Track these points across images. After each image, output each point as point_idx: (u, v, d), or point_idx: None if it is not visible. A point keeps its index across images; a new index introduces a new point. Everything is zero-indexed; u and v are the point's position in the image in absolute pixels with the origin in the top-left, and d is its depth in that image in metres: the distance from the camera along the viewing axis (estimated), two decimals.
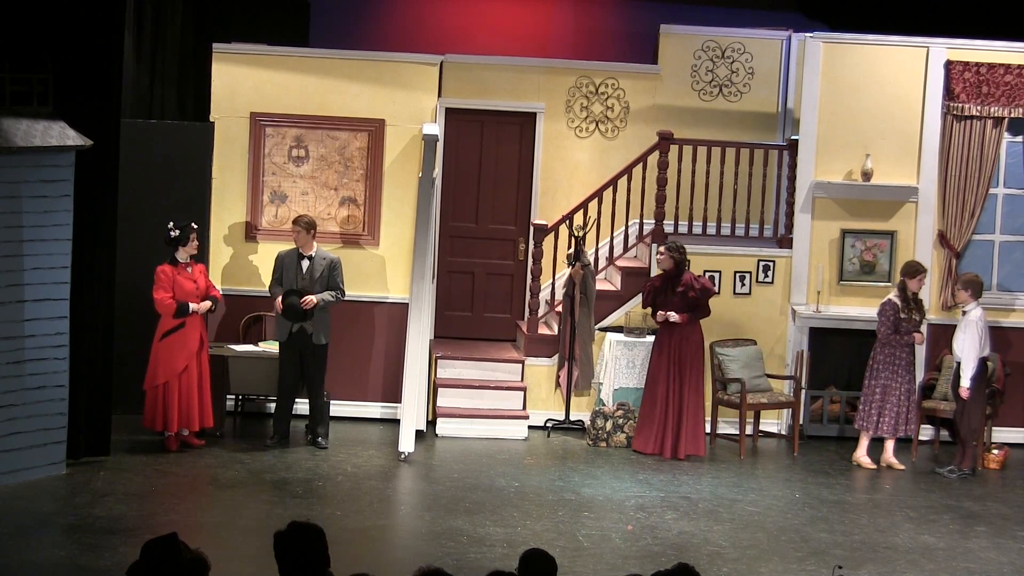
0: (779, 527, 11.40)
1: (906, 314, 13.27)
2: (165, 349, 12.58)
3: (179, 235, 12.65)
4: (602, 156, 14.88)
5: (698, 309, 13.39)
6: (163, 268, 12.64)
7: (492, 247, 15.07)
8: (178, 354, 12.56)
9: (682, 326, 13.30)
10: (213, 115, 14.09)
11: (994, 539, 11.37)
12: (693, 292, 13.35)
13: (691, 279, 13.43)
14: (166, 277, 12.60)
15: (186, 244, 12.69)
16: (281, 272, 13.13)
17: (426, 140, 13.57)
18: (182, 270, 12.69)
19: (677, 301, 13.34)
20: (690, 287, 13.36)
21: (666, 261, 13.40)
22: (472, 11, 15.93)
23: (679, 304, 13.34)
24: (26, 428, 11.43)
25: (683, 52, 15.01)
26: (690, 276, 13.46)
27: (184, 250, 12.70)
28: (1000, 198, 14.50)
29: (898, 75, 14.30)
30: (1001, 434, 14.20)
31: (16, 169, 11.19)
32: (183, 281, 12.64)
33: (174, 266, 12.66)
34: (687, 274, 13.44)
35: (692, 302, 13.36)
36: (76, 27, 11.64)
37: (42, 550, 9.91)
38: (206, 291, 12.83)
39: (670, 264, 13.39)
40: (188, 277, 12.70)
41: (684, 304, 13.35)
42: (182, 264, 12.70)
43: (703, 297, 13.40)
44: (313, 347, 13.01)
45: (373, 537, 10.69)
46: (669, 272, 13.39)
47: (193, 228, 12.76)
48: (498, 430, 13.78)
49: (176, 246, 12.68)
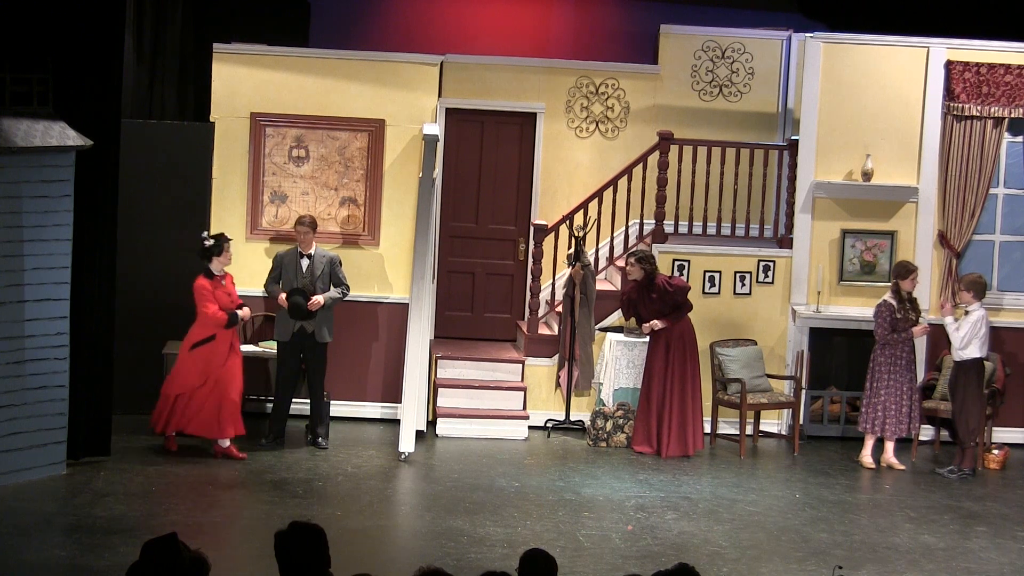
0: (779, 527, 11.40)
1: (902, 314, 13.28)
2: (191, 360, 12.51)
3: (213, 245, 12.58)
4: (602, 156, 14.88)
5: (679, 308, 13.42)
6: (202, 283, 12.51)
7: (492, 247, 15.07)
8: (202, 368, 12.48)
9: (670, 326, 13.35)
10: (213, 115, 14.09)
11: (994, 539, 11.37)
12: (667, 296, 13.37)
13: (663, 282, 13.44)
14: (208, 291, 12.50)
15: (220, 255, 12.61)
16: (280, 271, 13.11)
17: (426, 140, 13.58)
18: (217, 283, 12.62)
19: (656, 306, 13.37)
20: (664, 290, 13.37)
21: (636, 271, 13.40)
22: (472, 11, 15.93)
23: (659, 307, 13.37)
24: (26, 428, 11.43)
25: (683, 52, 15.01)
26: (662, 279, 13.47)
27: (218, 261, 12.61)
28: (1000, 198, 14.50)
29: (898, 75, 14.31)
30: (1001, 434, 14.20)
31: (16, 169, 11.19)
32: (220, 294, 12.58)
33: (210, 279, 12.58)
34: (658, 277, 13.45)
35: (671, 303, 13.38)
36: (76, 27, 11.64)
37: (42, 550, 9.91)
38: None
39: (640, 274, 13.40)
40: (224, 289, 12.64)
41: (664, 307, 13.37)
42: (217, 276, 12.63)
43: (680, 296, 13.41)
44: (315, 345, 13.01)
45: (373, 537, 10.69)
46: (641, 281, 13.40)
47: (227, 239, 12.72)
48: (498, 430, 13.78)
49: (210, 257, 12.61)
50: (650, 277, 13.39)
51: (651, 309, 13.39)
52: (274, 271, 13.16)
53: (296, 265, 13.06)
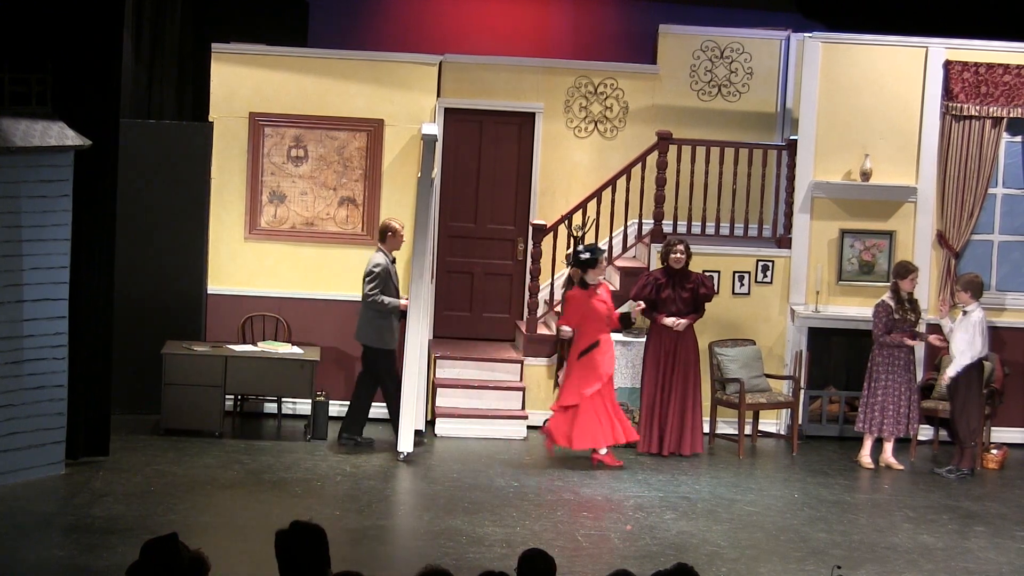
0: (778, 527, 11.40)
1: (900, 315, 13.28)
2: (580, 369, 12.79)
3: (589, 258, 12.78)
4: (601, 156, 14.88)
5: (700, 309, 13.40)
6: (573, 294, 12.84)
7: (491, 247, 15.07)
8: (590, 375, 12.75)
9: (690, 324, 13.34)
10: (212, 115, 14.09)
11: (993, 539, 11.37)
12: (704, 290, 13.37)
13: (700, 278, 13.44)
14: (577, 302, 12.77)
15: (595, 267, 12.80)
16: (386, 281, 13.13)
17: (425, 140, 13.57)
18: (592, 293, 12.81)
19: (685, 300, 13.32)
20: (700, 284, 13.37)
21: (682, 259, 13.37)
22: (471, 11, 15.93)
23: (687, 302, 13.32)
24: (25, 428, 11.43)
25: (682, 52, 15.01)
26: (698, 275, 13.46)
27: (593, 273, 12.80)
28: (999, 198, 14.50)
29: (897, 75, 14.31)
30: (1000, 434, 14.20)
31: (15, 169, 11.19)
32: (596, 304, 12.78)
33: (584, 288, 12.79)
34: (694, 273, 13.44)
35: (700, 301, 13.36)
36: (75, 27, 11.64)
37: (41, 550, 9.91)
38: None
39: (684, 263, 13.38)
40: (599, 299, 12.84)
41: (691, 303, 13.35)
42: (592, 287, 12.81)
43: (710, 297, 13.41)
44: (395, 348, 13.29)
45: (372, 537, 10.69)
46: (679, 270, 13.36)
47: (602, 251, 12.97)
48: (497, 430, 13.78)
49: (585, 269, 12.79)
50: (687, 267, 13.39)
51: (675, 300, 13.33)
52: (381, 283, 13.11)
53: (393, 271, 13.23)
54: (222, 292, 14.05)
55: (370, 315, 13.15)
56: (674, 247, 13.40)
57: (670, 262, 13.39)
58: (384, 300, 13.07)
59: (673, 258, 13.38)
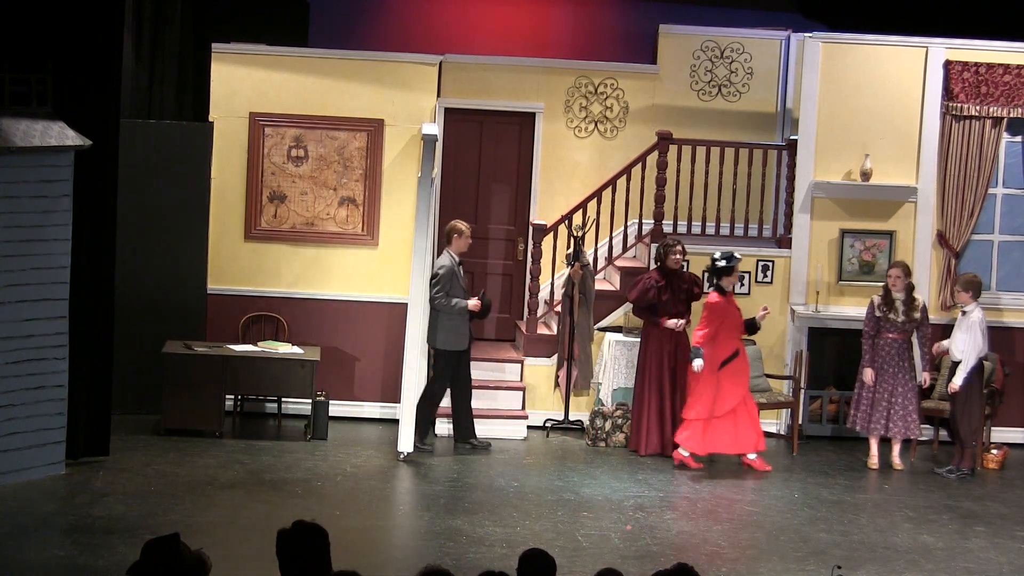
0: (778, 527, 11.40)
1: (882, 313, 13.30)
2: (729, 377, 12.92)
3: (726, 266, 12.91)
4: (601, 156, 14.88)
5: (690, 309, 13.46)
6: (715, 300, 12.93)
7: (491, 247, 15.07)
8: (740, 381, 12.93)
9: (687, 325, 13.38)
10: (212, 115, 14.08)
11: (993, 539, 11.37)
12: (697, 289, 13.41)
13: (692, 277, 13.49)
14: (719, 309, 12.88)
15: (731, 274, 12.94)
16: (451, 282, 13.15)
17: (425, 140, 13.57)
18: (730, 299, 13.00)
19: (682, 300, 13.36)
20: (693, 284, 13.41)
21: (682, 260, 13.40)
22: (471, 11, 15.92)
23: (684, 303, 13.37)
24: (25, 428, 11.43)
25: (682, 52, 15.01)
26: (690, 274, 13.51)
27: (728, 280, 12.94)
28: (999, 198, 14.50)
29: (897, 75, 14.31)
30: (1000, 434, 14.20)
31: (15, 169, 11.19)
32: (733, 311, 12.96)
33: (722, 295, 12.94)
34: (685, 272, 13.48)
35: (692, 298, 13.41)
36: (75, 27, 11.64)
37: (41, 550, 9.91)
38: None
39: (681, 263, 13.41)
40: (734, 305, 13.03)
41: (686, 303, 13.39)
42: (729, 293, 13.00)
43: (699, 297, 13.44)
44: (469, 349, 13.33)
45: (372, 537, 10.69)
46: (675, 271, 13.37)
47: (738, 258, 13.06)
48: (497, 430, 13.77)
49: (721, 276, 12.93)
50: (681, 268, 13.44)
51: (674, 302, 13.34)
52: (447, 285, 13.13)
53: (459, 272, 13.27)
54: (222, 292, 14.04)
55: (440, 318, 13.14)
56: (673, 248, 13.40)
57: (668, 263, 13.39)
58: (452, 302, 13.09)
59: (672, 259, 13.39)
